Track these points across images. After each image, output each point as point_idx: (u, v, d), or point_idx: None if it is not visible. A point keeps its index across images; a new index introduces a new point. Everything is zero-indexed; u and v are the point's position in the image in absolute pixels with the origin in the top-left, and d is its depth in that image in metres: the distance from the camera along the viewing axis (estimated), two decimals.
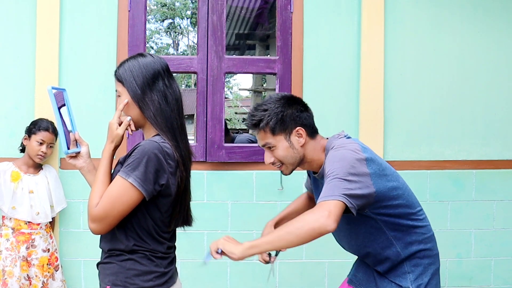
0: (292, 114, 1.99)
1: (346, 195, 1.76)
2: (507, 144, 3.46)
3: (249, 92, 13.43)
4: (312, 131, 2.04)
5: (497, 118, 3.46)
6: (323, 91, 3.38)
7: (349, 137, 2.02)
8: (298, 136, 2.00)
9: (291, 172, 2.07)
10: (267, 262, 2.24)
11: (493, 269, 3.44)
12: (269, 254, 2.23)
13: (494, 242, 3.43)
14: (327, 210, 1.71)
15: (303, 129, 2.00)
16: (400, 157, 3.38)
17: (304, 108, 2.05)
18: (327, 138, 2.07)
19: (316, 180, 2.14)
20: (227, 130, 4.55)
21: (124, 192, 1.66)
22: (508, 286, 3.46)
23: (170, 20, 23.58)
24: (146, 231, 1.74)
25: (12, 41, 3.24)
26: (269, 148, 2.02)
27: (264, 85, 10.64)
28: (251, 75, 9.88)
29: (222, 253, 1.79)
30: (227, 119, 12.98)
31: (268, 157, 2.04)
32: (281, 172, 2.08)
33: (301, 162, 2.04)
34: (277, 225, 2.33)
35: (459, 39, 3.45)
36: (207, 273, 3.33)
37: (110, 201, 1.66)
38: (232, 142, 4.98)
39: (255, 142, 3.83)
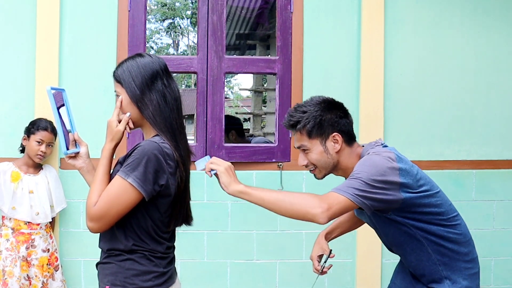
0: (330, 119, 1.97)
1: (358, 195, 1.76)
2: (507, 144, 3.46)
3: (249, 92, 13.43)
4: (349, 138, 2.01)
5: (497, 118, 3.46)
6: (323, 91, 3.33)
7: (385, 146, 2.00)
8: (334, 142, 1.97)
9: (324, 177, 2.05)
10: (318, 272, 2.25)
11: (493, 269, 3.44)
12: (324, 263, 2.25)
13: (494, 242, 3.43)
14: (328, 204, 1.73)
15: (340, 135, 1.97)
16: None
17: (344, 114, 2.01)
18: (363, 146, 2.04)
19: None
20: (242, 133, 4.55)
21: (123, 192, 1.66)
22: (508, 286, 3.45)
23: (170, 20, 23.59)
24: (146, 231, 1.74)
25: (12, 41, 3.24)
26: (304, 150, 2.01)
27: (264, 85, 10.63)
28: (252, 75, 9.88)
29: (216, 175, 1.80)
30: (242, 120, 12.89)
31: (301, 159, 2.03)
32: (314, 175, 2.06)
33: (334, 168, 2.02)
34: (328, 235, 2.34)
35: (459, 39, 3.45)
36: (207, 273, 3.33)
37: (109, 200, 1.66)
38: None
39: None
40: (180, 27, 24.31)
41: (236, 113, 18.29)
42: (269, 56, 7.98)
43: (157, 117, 1.75)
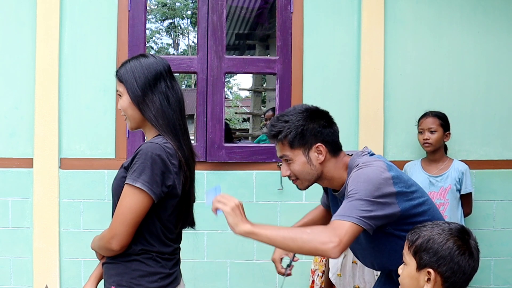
0: (313, 129, 1.88)
1: (363, 217, 1.70)
2: (507, 144, 3.46)
3: (249, 92, 13.43)
4: (334, 149, 1.92)
5: (497, 118, 3.46)
6: (323, 91, 3.38)
7: (372, 154, 1.95)
8: (318, 153, 1.89)
9: (307, 187, 1.98)
10: (282, 274, 2.20)
11: (493, 269, 3.44)
12: (287, 266, 2.20)
13: (494, 242, 3.43)
14: (338, 237, 1.65)
15: (324, 146, 1.89)
16: (400, 157, 3.38)
17: (328, 123, 1.93)
18: (351, 155, 1.97)
19: (335, 198, 2.05)
20: (230, 136, 4.53)
21: (134, 199, 1.65)
22: (508, 286, 3.45)
23: (170, 20, 23.56)
24: (155, 235, 1.73)
25: (12, 41, 3.23)
26: (286, 160, 1.92)
27: (264, 85, 10.64)
28: (251, 75, 9.88)
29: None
30: (227, 120, 12.88)
31: (284, 170, 1.95)
32: (296, 186, 1.99)
33: (318, 179, 1.94)
34: None
35: (459, 39, 3.45)
36: (207, 273, 3.33)
37: (122, 211, 1.66)
38: None
39: None
40: (180, 27, 24.28)
41: (236, 113, 18.28)
42: (269, 56, 7.98)
43: (159, 118, 1.75)
